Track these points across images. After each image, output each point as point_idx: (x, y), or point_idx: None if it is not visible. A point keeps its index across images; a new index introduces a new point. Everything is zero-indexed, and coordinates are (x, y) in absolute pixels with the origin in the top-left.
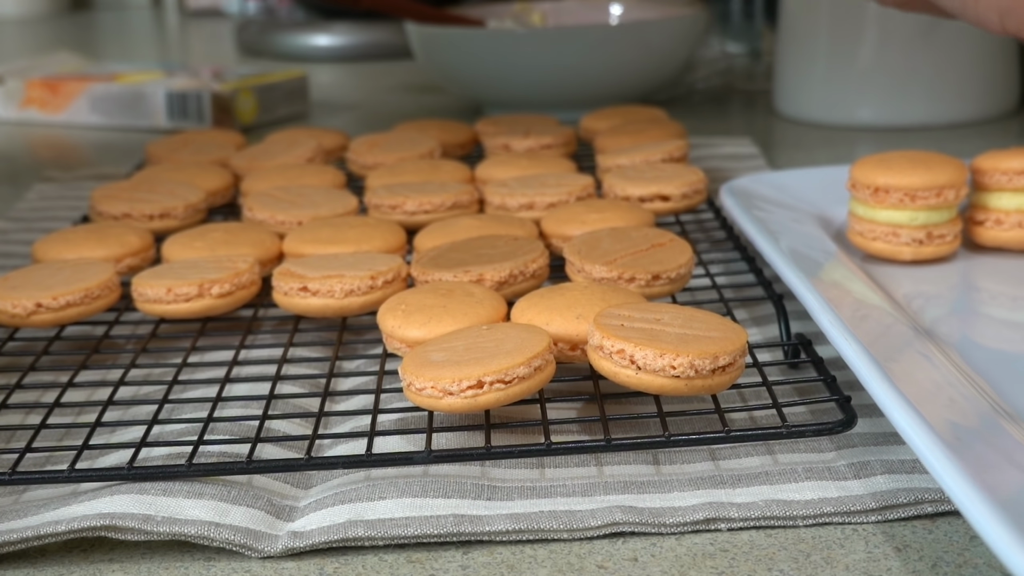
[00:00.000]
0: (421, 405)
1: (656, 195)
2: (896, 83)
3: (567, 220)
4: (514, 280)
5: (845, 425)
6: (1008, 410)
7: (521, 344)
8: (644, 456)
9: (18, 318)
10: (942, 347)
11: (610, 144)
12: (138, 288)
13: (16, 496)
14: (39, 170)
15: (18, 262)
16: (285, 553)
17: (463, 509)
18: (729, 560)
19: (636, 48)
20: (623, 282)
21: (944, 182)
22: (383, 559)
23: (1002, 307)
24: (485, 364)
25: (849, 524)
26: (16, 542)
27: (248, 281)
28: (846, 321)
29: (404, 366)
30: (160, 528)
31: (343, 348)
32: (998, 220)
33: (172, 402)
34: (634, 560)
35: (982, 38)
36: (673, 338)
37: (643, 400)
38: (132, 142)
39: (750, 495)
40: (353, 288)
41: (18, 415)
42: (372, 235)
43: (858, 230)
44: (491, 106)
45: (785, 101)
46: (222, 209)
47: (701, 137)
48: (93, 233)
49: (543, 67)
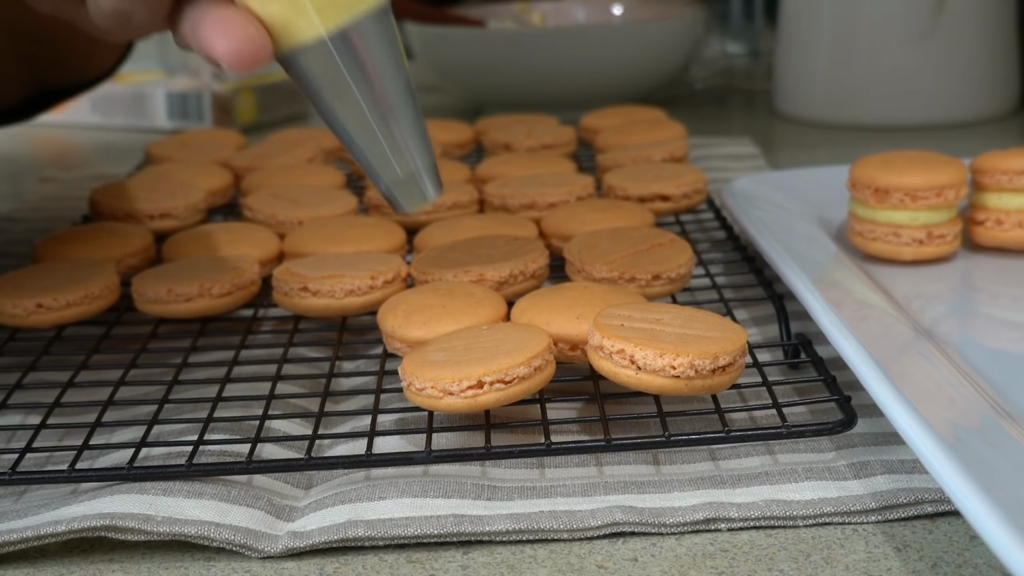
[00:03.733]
0: (421, 405)
1: (656, 195)
2: (896, 83)
3: (567, 220)
4: (514, 280)
5: (845, 425)
6: (1008, 410)
7: (521, 344)
8: (644, 456)
9: (18, 318)
10: (942, 347)
11: (610, 144)
12: (138, 288)
13: (16, 496)
14: (39, 170)
15: (18, 262)
16: (285, 553)
17: (463, 509)
18: (729, 560)
19: (636, 48)
20: (623, 282)
21: (944, 182)
22: (383, 559)
23: (1002, 307)
24: (485, 364)
25: (849, 524)
26: (16, 542)
27: (248, 281)
28: (846, 321)
29: (404, 366)
30: (160, 528)
31: (343, 348)
32: (998, 220)
33: (172, 402)
34: (634, 560)
35: (982, 38)
36: (673, 338)
37: (643, 400)
38: (132, 142)
39: (750, 495)
40: (353, 288)
41: (18, 415)
42: (372, 235)
43: (858, 230)
44: (491, 106)
45: (785, 101)
46: (222, 209)
47: (701, 137)
48: (93, 233)
49: (543, 67)
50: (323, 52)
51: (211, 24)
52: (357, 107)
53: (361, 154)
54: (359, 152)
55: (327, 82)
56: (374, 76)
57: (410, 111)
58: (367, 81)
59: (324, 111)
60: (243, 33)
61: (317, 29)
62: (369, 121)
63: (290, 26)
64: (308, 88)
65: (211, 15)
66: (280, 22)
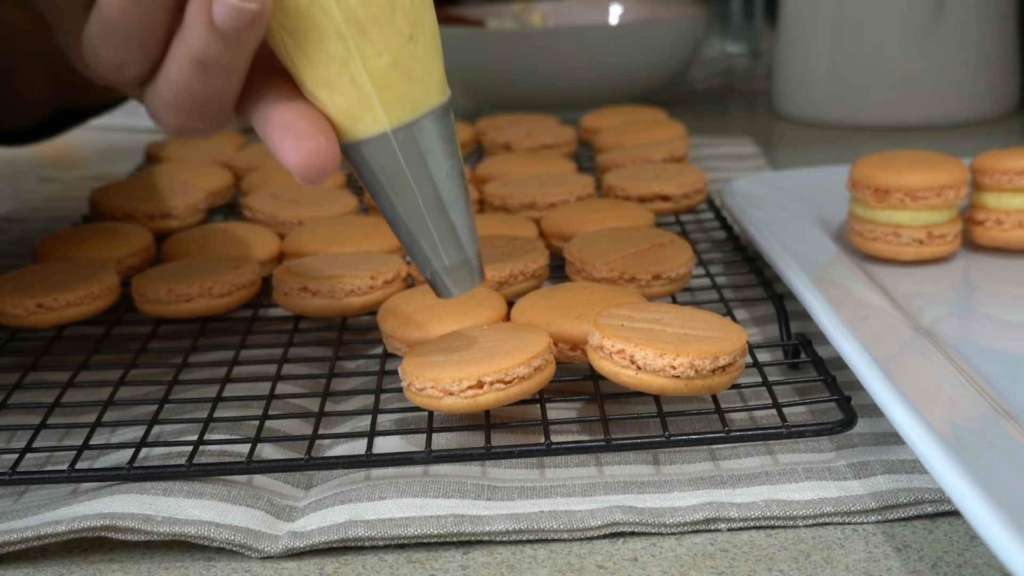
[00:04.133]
0: (421, 405)
1: (656, 195)
2: (896, 83)
3: (567, 220)
4: (514, 280)
5: (845, 425)
6: (1008, 410)
7: (521, 344)
8: (644, 456)
9: (18, 318)
10: (942, 347)
11: (610, 144)
12: (138, 288)
13: (16, 496)
14: (39, 170)
15: (18, 262)
16: (285, 553)
17: (463, 509)
18: (729, 560)
19: (636, 48)
20: (623, 282)
21: (944, 182)
22: (383, 559)
23: (1002, 307)
24: (485, 364)
25: (849, 524)
26: (16, 542)
27: (248, 281)
28: (846, 321)
29: (404, 366)
30: (160, 528)
31: (343, 348)
32: (998, 220)
33: (172, 402)
34: (634, 560)
35: (982, 38)
36: (673, 338)
37: (643, 400)
38: (132, 142)
39: (750, 495)
40: (353, 288)
41: (18, 415)
42: (372, 235)
43: (858, 230)
44: (491, 106)
45: (785, 101)
46: (222, 209)
47: (701, 137)
48: (93, 233)
49: (543, 67)
50: (385, 145)
51: (282, 133)
52: (412, 198)
53: (411, 241)
54: (409, 239)
55: (386, 173)
56: (432, 170)
57: (462, 203)
58: (425, 174)
59: (379, 198)
60: (313, 145)
61: (382, 124)
62: (423, 212)
63: (356, 120)
64: (365, 176)
65: (282, 121)
66: (347, 115)
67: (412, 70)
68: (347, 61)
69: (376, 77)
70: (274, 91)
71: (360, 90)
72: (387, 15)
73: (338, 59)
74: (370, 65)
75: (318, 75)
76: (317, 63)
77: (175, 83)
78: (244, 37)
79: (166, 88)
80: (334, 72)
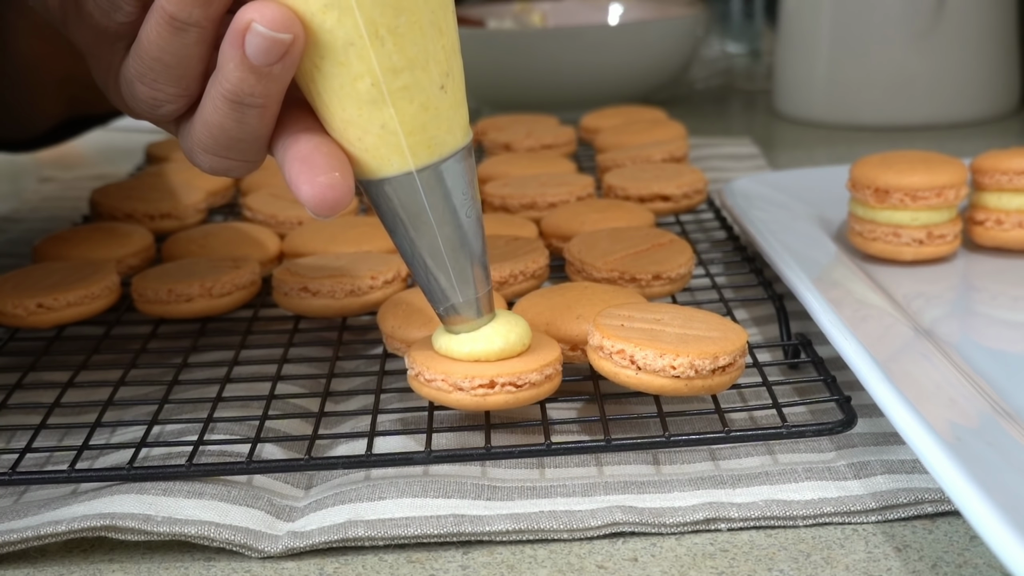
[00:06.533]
0: (426, 396)
1: (656, 195)
2: (896, 83)
3: (567, 220)
4: (514, 280)
5: (845, 425)
6: (1008, 410)
7: (536, 350)
8: (644, 456)
9: (18, 318)
10: (942, 347)
11: (610, 144)
12: (138, 288)
13: (16, 496)
14: (39, 170)
15: (18, 262)
16: (285, 553)
17: (463, 509)
18: (729, 560)
19: (636, 48)
20: (623, 282)
21: (944, 182)
22: (383, 559)
23: (1002, 307)
24: (499, 364)
25: (849, 524)
26: (16, 542)
27: (248, 281)
28: (846, 321)
29: (413, 355)
30: (160, 528)
31: (343, 348)
32: (998, 220)
33: (172, 402)
34: (634, 560)
35: (982, 38)
36: (673, 338)
37: (643, 400)
38: (132, 142)
39: (750, 495)
40: (353, 288)
41: (18, 415)
42: (372, 235)
43: (858, 230)
44: (491, 106)
45: (785, 101)
46: (222, 209)
47: (701, 137)
48: (93, 233)
49: (543, 67)
50: (409, 184)
51: (299, 166)
52: (431, 236)
53: (426, 277)
54: (425, 275)
55: (407, 211)
56: (452, 210)
57: (479, 243)
58: (445, 214)
59: (398, 235)
60: (327, 180)
61: (408, 165)
62: (440, 250)
63: (382, 160)
64: (385, 212)
65: (300, 153)
66: (373, 155)
67: (440, 114)
68: (379, 104)
69: (407, 122)
70: (294, 122)
71: (389, 132)
72: (421, 63)
73: (369, 101)
74: (401, 109)
75: (347, 116)
76: (347, 104)
77: (210, 123)
78: (276, 70)
79: (202, 128)
80: (365, 114)
